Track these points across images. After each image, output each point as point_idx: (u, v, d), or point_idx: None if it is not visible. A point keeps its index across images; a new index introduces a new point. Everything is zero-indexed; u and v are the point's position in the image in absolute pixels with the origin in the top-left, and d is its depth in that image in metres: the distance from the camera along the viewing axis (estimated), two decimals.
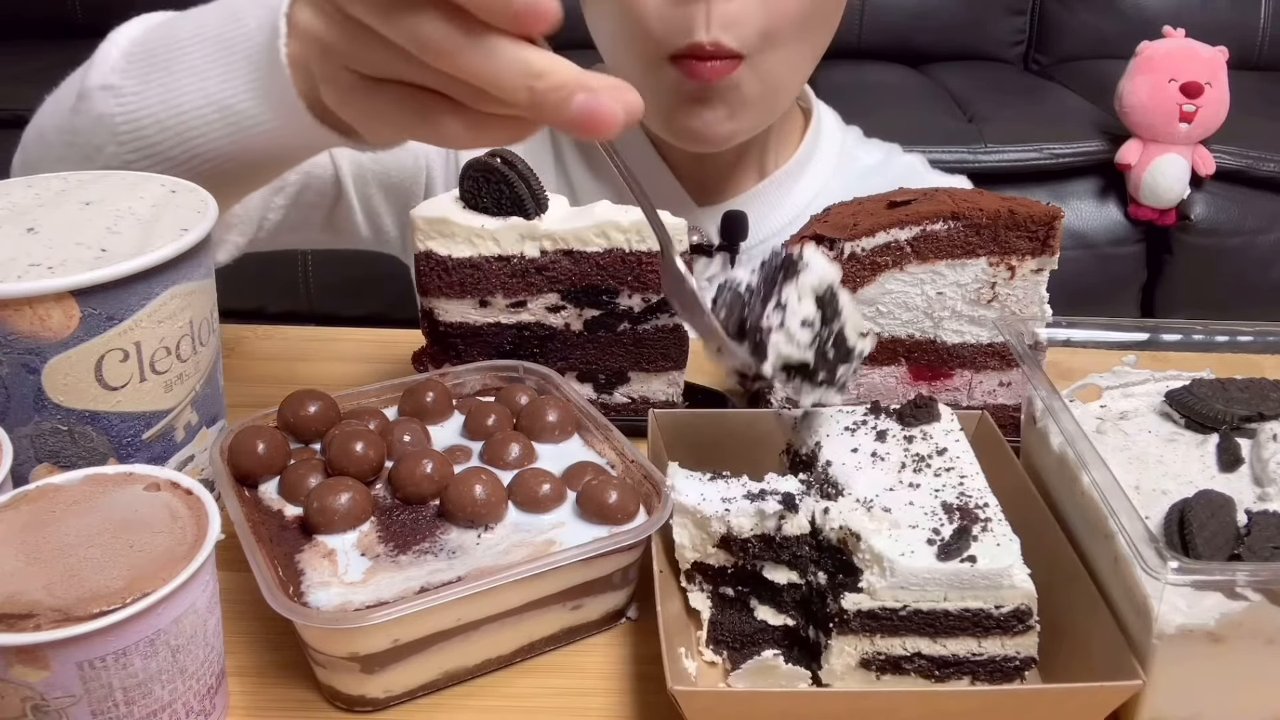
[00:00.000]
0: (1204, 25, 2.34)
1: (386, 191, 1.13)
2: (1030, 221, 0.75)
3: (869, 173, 1.18)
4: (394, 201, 1.14)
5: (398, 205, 1.14)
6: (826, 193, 1.13)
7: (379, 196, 1.13)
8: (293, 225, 1.08)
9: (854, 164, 1.18)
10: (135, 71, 0.79)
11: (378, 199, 1.13)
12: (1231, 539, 0.55)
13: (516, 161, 0.77)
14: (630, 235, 0.77)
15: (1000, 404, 0.81)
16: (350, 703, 0.58)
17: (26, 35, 2.46)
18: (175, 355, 0.63)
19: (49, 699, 0.48)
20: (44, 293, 0.57)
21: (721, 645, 0.63)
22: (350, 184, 1.10)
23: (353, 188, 1.10)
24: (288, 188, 1.05)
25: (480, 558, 0.58)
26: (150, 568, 0.50)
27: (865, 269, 0.76)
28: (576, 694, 0.60)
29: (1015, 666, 0.59)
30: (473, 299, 0.79)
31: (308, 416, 0.66)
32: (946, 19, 2.71)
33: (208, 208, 0.66)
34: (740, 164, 1.12)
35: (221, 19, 0.77)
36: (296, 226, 1.09)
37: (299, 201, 1.07)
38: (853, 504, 0.60)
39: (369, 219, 1.14)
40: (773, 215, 1.13)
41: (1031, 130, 2.23)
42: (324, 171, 1.07)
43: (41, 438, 0.61)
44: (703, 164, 1.10)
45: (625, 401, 0.84)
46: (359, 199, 1.12)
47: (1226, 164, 2.17)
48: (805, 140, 1.16)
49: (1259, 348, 0.73)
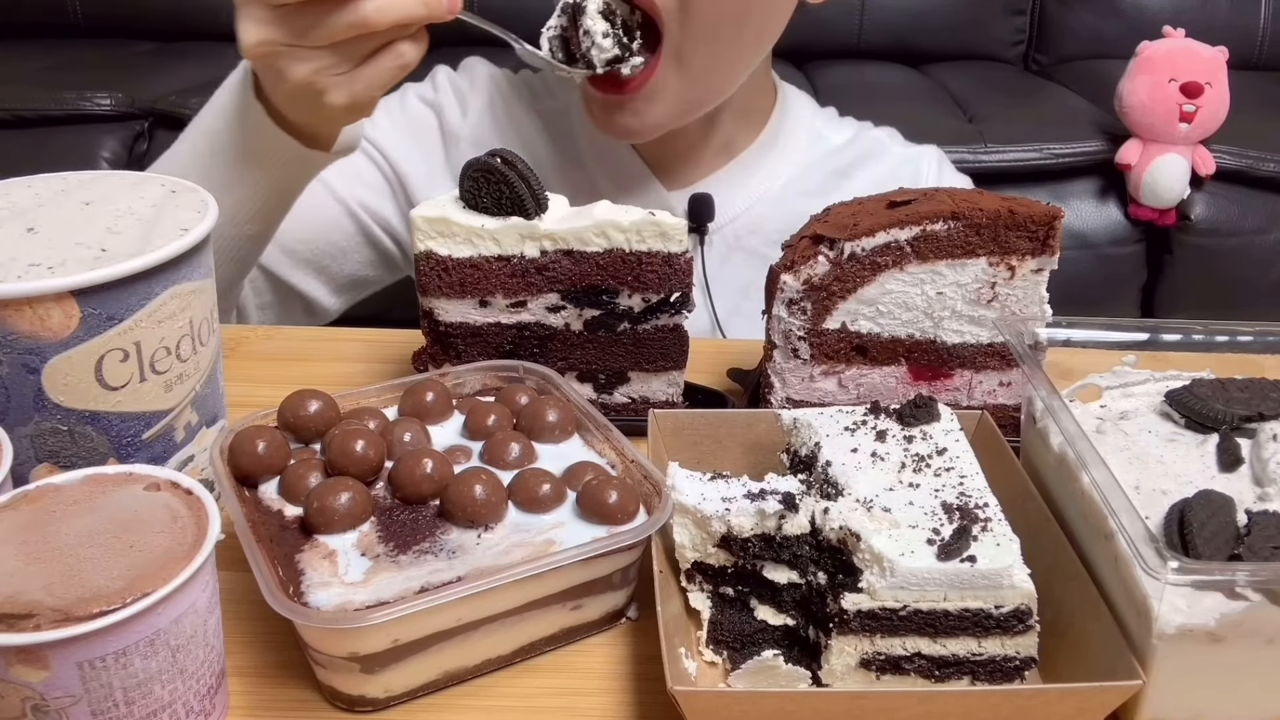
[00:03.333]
0: (1204, 25, 2.34)
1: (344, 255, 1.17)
2: (1030, 221, 0.75)
3: (838, 150, 1.20)
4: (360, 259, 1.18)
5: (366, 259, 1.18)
6: (796, 171, 1.17)
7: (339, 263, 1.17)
8: (277, 320, 1.16)
9: (822, 143, 1.20)
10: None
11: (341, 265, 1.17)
12: (1231, 539, 0.55)
13: (516, 161, 0.77)
14: (630, 235, 0.77)
15: (1000, 404, 0.81)
16: (350, 703, 0.58)
17: (26, 35, 2.46)
18: (175, 355, 0.63)
19: (49, 699, 0.48)
20: (44, 293, 0.57)
21: (721, 645, 0.63)
22: (299, 276, 1.14)
23: (302, 275, 1.15)
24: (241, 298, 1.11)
25: (480, 558, 0.58)
26: (150, 568, 0.50)
27: (865, 269, 0.76)
28: (576, 694, 0.60)
29: (1015, 666, 0.59)
30: (473, 299, 0.79)
31: (308, 416, 0.66)
32: (946, 19, 2.70)
33: (208, 208, 0.66)
34: (707, 148, 1.14)
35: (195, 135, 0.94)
36: (280, 320, 1.16)
37: (261, 305, 1.14)
38: (853, 504, 0.60)
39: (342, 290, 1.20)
40: (740, 195, 1.15)
41: (1031, 130, 2.22)
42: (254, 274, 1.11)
43: (41, 438, 0.60)
44: (668, 149, 1.13)
45: (625, 401, 0.84)
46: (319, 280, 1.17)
47: (1226, 164, 2.17)
48: (771, 121, 1.18)
49: (1259, 348, 0.73)
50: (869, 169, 1.18)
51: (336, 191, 1.13)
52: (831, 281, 0.76)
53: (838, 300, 0.77)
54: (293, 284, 1.13)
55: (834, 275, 0.76)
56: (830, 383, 0.80)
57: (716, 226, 1.14)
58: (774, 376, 0.80)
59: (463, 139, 1.17)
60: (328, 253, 1.14)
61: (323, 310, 1.18)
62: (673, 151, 1.13)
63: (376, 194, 1.16)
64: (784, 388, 0.80)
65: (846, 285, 0.76)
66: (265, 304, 1.13)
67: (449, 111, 1.18)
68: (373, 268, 1.19)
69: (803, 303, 0.77)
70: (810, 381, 0.80)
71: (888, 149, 1.21)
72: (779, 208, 1.14)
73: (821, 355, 0.79)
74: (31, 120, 1.99)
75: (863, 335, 0.79)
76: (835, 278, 0.76)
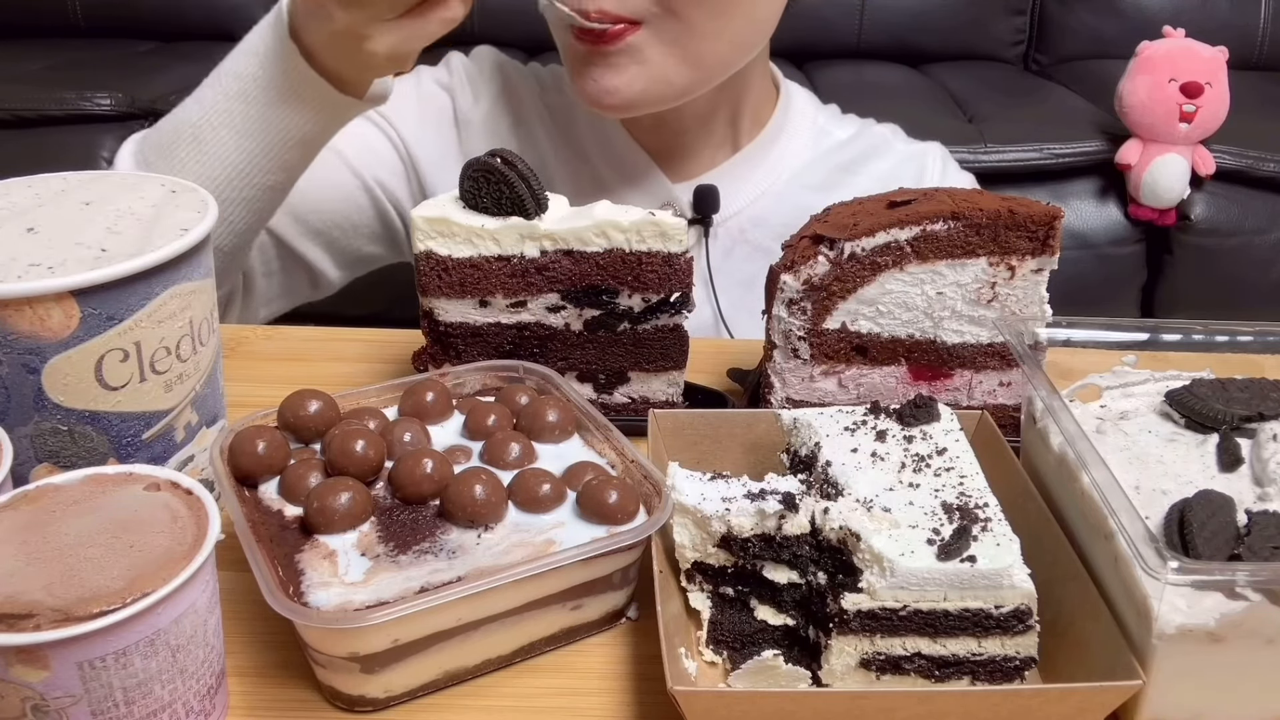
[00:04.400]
0: (1204, 25, 2.34)
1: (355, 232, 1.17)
2: (1030, 221, 0.75)
3: (841, 146, 1.20)
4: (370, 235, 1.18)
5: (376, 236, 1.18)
6: (799, 165, 1.17)
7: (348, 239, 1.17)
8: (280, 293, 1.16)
9: (826, 138, 1.20)
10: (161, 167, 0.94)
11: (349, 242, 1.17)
12: (1231, 539, 0.55)
13: (516, 161, 0.77)
14: (630, 235, 0.77)
15: (1000, 404, 0.81)
16: (350, 703, 0.58)
17: (26, 35, 2.46)
18: (175, 355, 0.63)
19: (49, 699, 0.48)
20: (44, 293, 0.57)
21: (721, 645, 0.63)
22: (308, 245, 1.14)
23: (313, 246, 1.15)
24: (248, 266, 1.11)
25: (480, 558, 0.58)
26: (150, 568, 0.50)
27: (865, 269, 0.76)
28: (576, 694, 0.60)
29: (1015, 666, 0.59)
30: (473, 299, 0.79)
31: (308, 416, 0.66)
32: (946, 19, 2.70)
33: (208, 208, 0.66)
34: (711, 140, 1.15)
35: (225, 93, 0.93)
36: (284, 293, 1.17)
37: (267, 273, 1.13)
38: (853, 504, 0.60)
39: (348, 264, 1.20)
40: (744, 188, 1.16)
41: (1031, 130, 2.22)
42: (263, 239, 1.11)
43: (41, 438, 0.60)
44: (673, 141, 1.13)
45: (625, 401, 0.84)
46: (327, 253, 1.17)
47: (1226, 164, 2.17)
48: (775, 115, 1.18)
49: (1259, 348, 0.73)
50: (874, 165, 1.19)
51: (353, 166, 1.14)
52: (831, 281, 0.76)
53: (838, 300, 0.77)
54: (301, 253, 1.14)
55: (834, 275, 0.76)
56: (830, 383, 0.80)
57: (721, 219, 1.14)
58: (774, 376, 0.80)
59: (474, 125, 1.18)
60: (339, 225, 1.15)
61: (326, 282, 1.19)
62: (677, 144, 1.14)
63: (390, 172, 1.16)
64: (784, 388, 0.80)
65: (846, 285, 0.77)
66: (271, 271, 1.13)
67: (462, 97, 1.19)
68: (380, 244, 1.19)
69: (803, 303, 0.77)
70: (810, 381, 0.80)
71: (892, 145, 1.22)
72: (784, 201, 1.15)
73: (821, 355, 0.79)
74: (31, 120, 2.00)
75: (863, 335, 0.79)
76: (835, 278, 0.76)
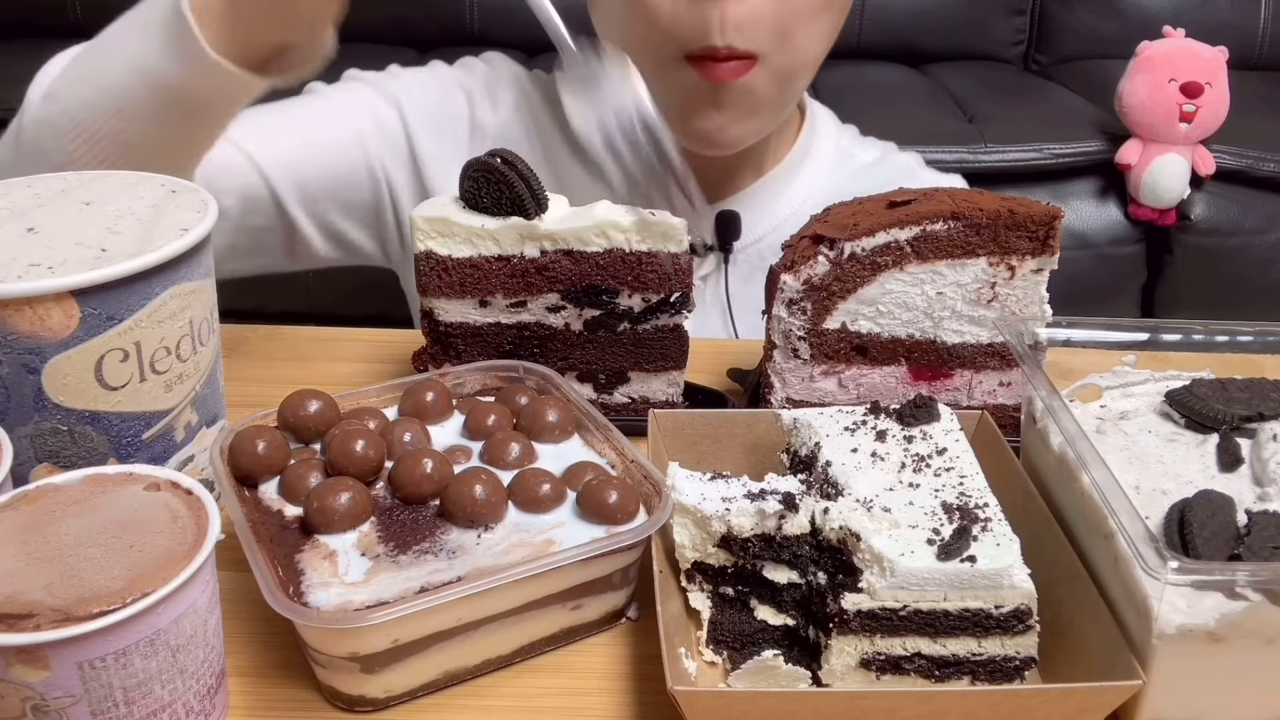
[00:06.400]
0: (1204, 25, 2.34)
1: (348, 210, 1.14)
2: (1030, 221, 0.75)
3: (865, 171, 1.18)
4: (359, 219, 1.15)
5: (365, 222, 1.15)
6: (822, 190, 1.14)
7: (338, 216, 1.14)
8: (248, 250, 1.10)
9: (850, 162, 1.19)
10: (68, 76, 0.90)
11: (338, 219, 1.14)
12: (1231, 539, 0.55)
13: (517, 161, 0.77)
14: (630, 235, 0.77)
15: (1000, 404, 0.81)
16: (350, 703, 0.58)
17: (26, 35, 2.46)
18: (175, 355, 0.63)
19: (49, 699, 0.48)
20: (44, 293, 0.57)
21: (721, 645, 0.63)
22: (299, 210, 1.11)
23: (303, 213, 1.11)
24: (227, 210, 1.04)
25: (480, 558, 0.58)
26: (150, 568, 0.50)
27: (865, 269, 0.76)
28: (576, 694, 0.60)
29: (1015, 666, 0.59)
30: (473, 299, 0.79)
31: (308, 416, 0.66)
32: (946, 19, 2.70)
33: (208, 208, 0.66)
34: (740, 163, 1.12)
35: (137, 11, 0.89)
36: (253, 251, 1.11)
37: (245, 225, 1.07)
38: (853, 504, 0.60)
39: (332, 240, 1.15)
40: (768, 213, 1.14)
41: (1031, 130, 2.23)
42: (258, 192, 1.07)
43: (41, 438, 0.60)
44: (706, 164, 1.10)
45: (625, 401, 0.84)
46: (315, 223, 1.13)
47: (1226, 164, 2.17)
48: (800, 138, 1.16)
49: (1259, 348, 0.73)
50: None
51: (367, 149, 1.11)
52: (831, 281, 0.76)
53: (838, 300, 0.77)
54: (293, 216, 1.10)
55: (834, 275, 0.76)
56: (830, 383, 0.80)
57: (742, 245, 1.11)
58: (774, 376, 0.80)
59: (490, 133, 1.15)
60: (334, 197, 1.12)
61: (306, 252, 1.14)
62: (713, 166, 1.10)
63: (393, 155, 1.14)
64: (784, 388, 0.80)
65: (846, 285, 0.77)
66: (254, 226, 1.08)
67: (481, 103, 1.16)
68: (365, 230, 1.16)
69: (803, 303, 0.77)
70: (810, 381, 0.80)
71: (916, 175, 1.19)
72: None
73: (821, 355, 0.79)
74: None
75: (863, 335, 0.79)
76: (835, 278, 0.76)
